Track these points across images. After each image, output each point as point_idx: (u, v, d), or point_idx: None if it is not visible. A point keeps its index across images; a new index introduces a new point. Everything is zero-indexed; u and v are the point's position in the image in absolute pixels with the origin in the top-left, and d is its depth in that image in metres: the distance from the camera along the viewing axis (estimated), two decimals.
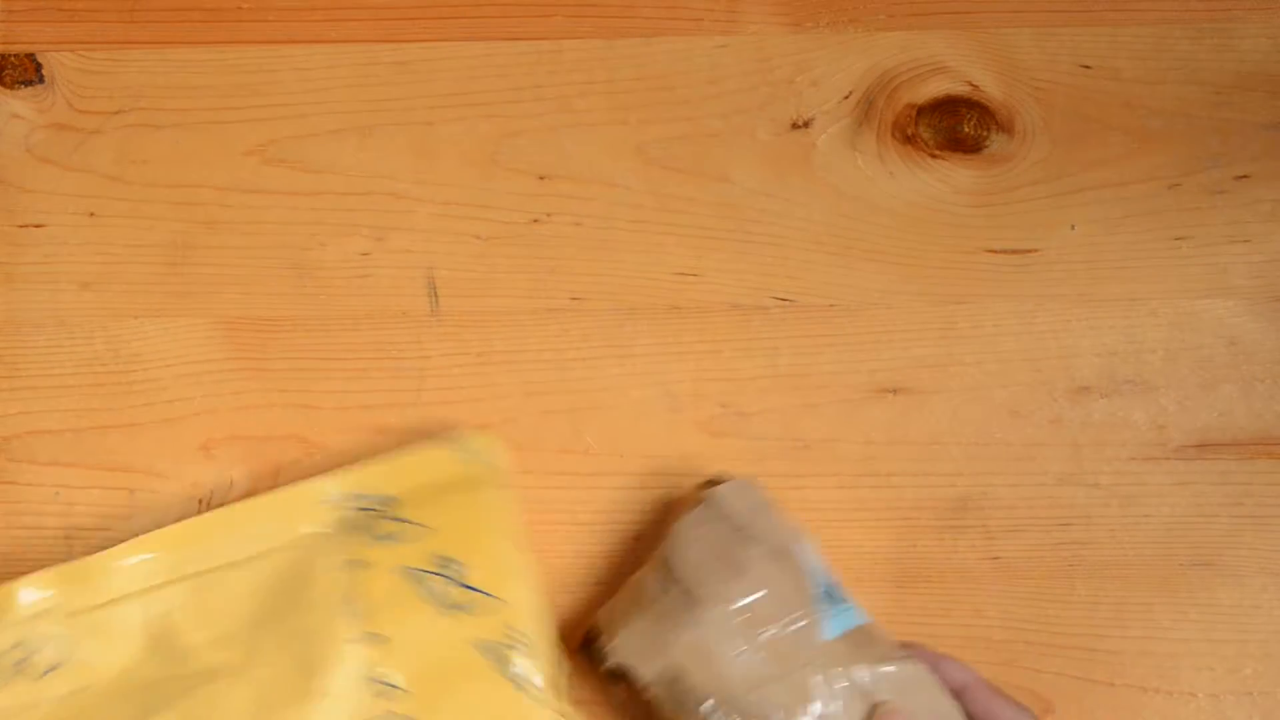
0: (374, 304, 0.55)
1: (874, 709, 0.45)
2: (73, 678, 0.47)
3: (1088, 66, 0.56)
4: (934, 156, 0.56)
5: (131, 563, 0.49)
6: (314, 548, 0.49)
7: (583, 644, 0.49)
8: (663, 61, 0.57)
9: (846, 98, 0.56)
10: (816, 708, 0.45)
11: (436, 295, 0.55)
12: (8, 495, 0.54)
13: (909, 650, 0.48)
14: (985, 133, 0.56)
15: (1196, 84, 0.56)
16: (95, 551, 0.49)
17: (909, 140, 0.56)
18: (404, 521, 0.49)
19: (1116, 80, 0.56)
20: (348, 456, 0.53)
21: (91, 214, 0.56)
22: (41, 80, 0.57)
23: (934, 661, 0.48)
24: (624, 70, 0.57)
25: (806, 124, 0.56)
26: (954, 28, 0.57)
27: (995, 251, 0.55)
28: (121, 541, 0.49)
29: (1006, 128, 0.56)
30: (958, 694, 0.47)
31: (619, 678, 0.47)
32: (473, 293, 0.55)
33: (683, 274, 0.55)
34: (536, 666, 0.48)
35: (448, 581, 0.48)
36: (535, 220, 0.56)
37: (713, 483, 0.50)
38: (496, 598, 0.48)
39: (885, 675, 0.46)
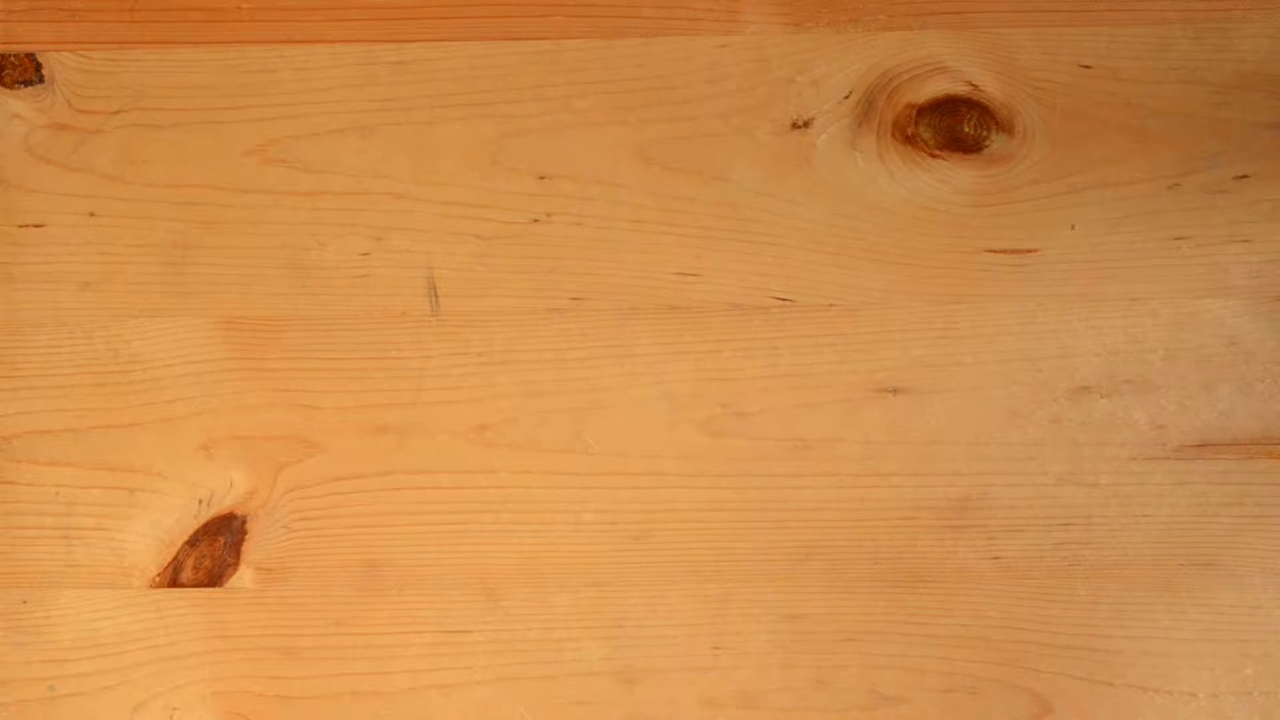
0: (374, 304, 0.55)
1: None
2: None
3: (1088, 66, 0.56)
4: (934, 156, 0.56)
5: None
6: None
7: None
8: (663, 61, 0.57)
9: (846, 98, 0.56)
10: None
11: (436, 295, 0.55)
12: (8, 495, 0.54)
13: None
14: (985, 133, 0.56)
15: (1196, 84, 0.56)
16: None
17: (909, 140, 0.56)
18: None
19: (1116, 80, 0.56)
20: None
21: (91, 214, 0.56)
22: (41, 80, 0.57)
23: None
24: (624, 70, 0.57)
25: (806, 124, 0.56)
26: (954, 28, 0.57)
27: (995, 251, 0.55)
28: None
29: (1006, 128, 0.56)
30: None
31: None
32: (473, 293, 0.55)
33: (683, 274, 0.55)
34: None
35: None
36: (535, 220, 0.56)
37: None
38: None
39: None
